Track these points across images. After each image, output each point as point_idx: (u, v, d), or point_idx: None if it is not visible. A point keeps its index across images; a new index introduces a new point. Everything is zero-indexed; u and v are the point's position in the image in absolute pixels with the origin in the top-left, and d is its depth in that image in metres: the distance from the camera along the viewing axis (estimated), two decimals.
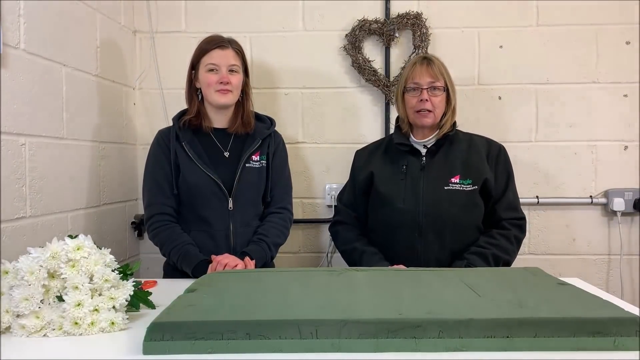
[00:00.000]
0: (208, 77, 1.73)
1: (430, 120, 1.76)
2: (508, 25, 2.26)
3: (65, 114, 1.80)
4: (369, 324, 0.95)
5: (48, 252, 1.09)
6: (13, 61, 1.54)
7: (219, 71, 1.73)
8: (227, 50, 1.75)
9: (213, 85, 1.73)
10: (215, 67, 1.73)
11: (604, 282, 2.28)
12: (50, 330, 1.06)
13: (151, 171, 1.78)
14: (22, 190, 1.58)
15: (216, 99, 1.74)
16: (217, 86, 1.73)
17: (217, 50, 1.74)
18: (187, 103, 1.82)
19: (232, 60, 1.75)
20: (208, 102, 1.78)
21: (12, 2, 1.54)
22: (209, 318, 0.98)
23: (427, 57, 1.81)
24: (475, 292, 1.15)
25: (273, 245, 1.77)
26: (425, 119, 1.75)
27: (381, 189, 1.79)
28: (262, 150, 1.81)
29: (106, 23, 2.09)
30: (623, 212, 2.23)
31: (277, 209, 1.83)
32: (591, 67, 2.25)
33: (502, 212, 1.76)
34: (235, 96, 1.77)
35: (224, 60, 1.73)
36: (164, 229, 1.72)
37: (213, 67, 1.73)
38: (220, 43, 1.75)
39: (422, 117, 1.75)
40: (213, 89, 1.73)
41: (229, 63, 1.74)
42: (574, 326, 0.94)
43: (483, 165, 1.76)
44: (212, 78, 1.73)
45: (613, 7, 2.22)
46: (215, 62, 1.73)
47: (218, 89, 1.73)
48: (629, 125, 2.25)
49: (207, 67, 1.74)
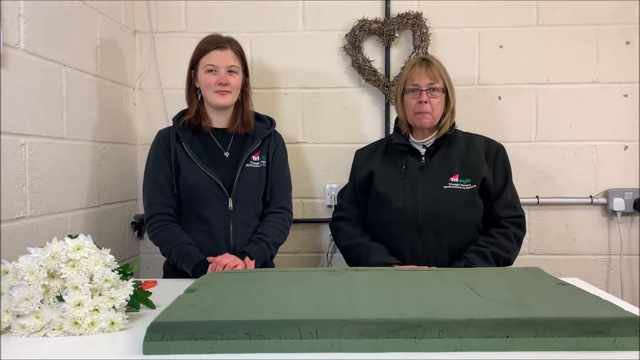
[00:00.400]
0: (207, 78, 1.73)
1: (429, 122, 1.76)
2: (508, 25, 2.26)
3: (65, 114, 1.80)
4: (369, 324, 0.95)
5: (48, 252, 1.09)
6: (13, 61, 1.54)
7: (217, 72, 1.73)
8: (226, 51, 1.74)
9: (212, 86, 1.73)
10: (214, 68, 1.73)
11: (604, 282, 2.28)
12: (50, 330, 1.06)
13: (151, 171, 1.78)
14: (22, 190, 1.58)
15: (215, 100, 1.74)
16: (216, 87, 1.73)
17: (216, 51, 1.73)
18: (187, 103, 1.82)
19: (231, 61, 1.74)
20: (207, 102, 1.78)
21: (12, 2, 1.54)
22: (209, 318, 0.98)
23: (426, 58, 1.81)
24: (475, 292, 1.15)
25: (272, 244, 1.76)
26: (424, 120, 1.76)
27: (380, 188, 1.79)
28: (262, 150, 1.82)
29: (106, 23, 2.09)
30: (623, 212, 2.23)
31: (276, 208, 1.83)
32: (591, 67, 2.25)
33: (500, 211, 1.76)
34: (234, 97, 1.77)
35: (223, 61, 1.73)
36: (164, 229, 1.72)
37: (212, 68, 1.73)
38: (219, 44, 1.74)
39: (421, 118, 1.76)
40: (212, 90, 1.73)
41: (227, 64, 1.73)
42: (574, 326, 0.94)
43: (482, 165, 1.76)
44: (211, 79, 1.73)
45: (613, 7, 2.22)
46: (214, 63, 1.72)
47: (217, 90, 1.73)
48: (629, 125, 2.25)
49: (206, 68, 1.73)
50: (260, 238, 1.75)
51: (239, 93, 1.80)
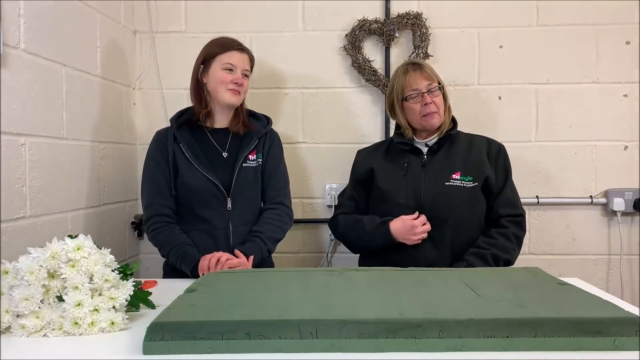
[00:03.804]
0: (223, 74, 1.76)
1: (438, 120, 1.78)
2: (508, 25, 2.26)
3: (65, 114, 1.80)
4: (369, 324, 0.95)
5: (48, 252, 1.09)
6: (13, 61, 1.54)
7: (234, 72, 1.77)
8: (244, 55, 1.81)
9: (227, 84, 1.76)
10: (232, 67, 1.77)
11: (604, 282, 2.28)
12: (50, 330, 1.06)
13: (149, 172, 1.78)
14: (22, 190, 1.58)
15: (227, 98, 1.77)
16: (231, 85, 1.76)
17: (236, 52, 1.78)
18: (195, 99, 1.82)
19: (246, 65, 1.81)
20: (216, 100, 1.79)
21: (12, 2, 1.54)
22: (209, 318, 0.98)
23: (415, 62, 1.85)
24: (475, 292, 1.15)
25: (268, 240, 1.76)
26: (433, 120, 1.77)
27: (382, 185, 1.81)
28: (258, 149, 1.83)
29: (106, 23, 2.09)
30: (623, 212, 2.23)
31: (272, 204, 1.83)
32: (591, 67, 2.25)
33: (500, 209, 1.77)
34: (242, 99, 1.82)
35: (241, 63, 1.79)
36: (162, 230, 1.73)
37: (231, 66, 1.77)
38: (240, 46, 1.80)
39: (430, 119, 1.77)
40: (225, 87, 1.76)
41: (244, 67, 1.80)
42: (574, 326, 0.94)
43: (484, 163, 1.77)
44: (228, 77, 1.76)
45: (613, 7, 2.22)
46: (234, 62, 1.77)
47: (231, 87, 1.76)
48: (629, 125, 2.25)
49: (225, 66, 1.76)
50: (254, 235, 1.75)
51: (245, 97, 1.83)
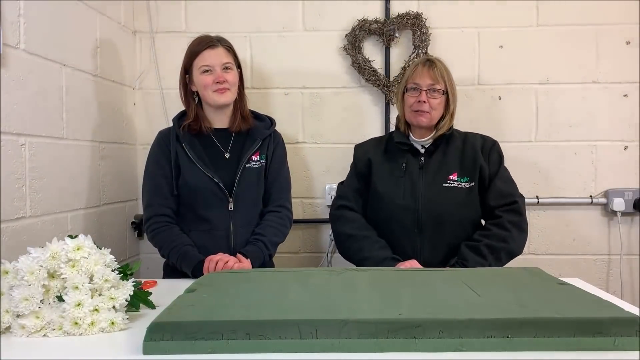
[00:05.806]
0: (203, 78, 1.73)
1: (426, 121, 1.77)
2: (508, 25, 2.26)
3: (65, 114, 1.80)
4: (369, 324, 0.95)
5: (48, 252, 1.09)
6: (13, 61, 1.54)
7: (213, 71, 1.72)
8: (217, 49, 1.74)
9: (210, 86, 1.73)
10: (209, 67, 1.72)
11: (604, 282, 2.28)
12: (50, 330, 1.06)
13: (151, 172, 1.78)
14: (22, 190, 1.58)
15: (215, 99, 1.74)
16: (214, 86, 1.72)
17: (208, 51, 1.73)
18: (185, 107, 1.81)
19: (224, 58, 1.75)
20: (207, 103, 1.78)
21: (12, 2, 1.54)
22: (209, 318, 0.98)
23: (430, 59, 1.82)
24: (475, 292, 1.15)
25: (270, 243, 1.76)
26: (421, 118, 1.77)
27: (380, 186, 1.80)
28: (262, 150, 1.81)
29: (106, 23, 2.09)
30: (623, 212, 2.23)
31: (274, 207, 1.83)
32: (591, 67, 2.25)
33: (491, 201, 1.77)
34: (233, 94, 1.77)
35: (217, 59, 1.73)
36: (162, 230, 1.72)
37: (207, 68, 1.72)
38: (209, 43, 1.74)
39: (418, 116, 1.77)
40: (210, 90, 1.73)
41: (222, 62, 1.73)
42: (574, 326, 0.94)
43: (478, 158, 1.78)
44: (208, 79, 1.72)
45: (613, 7, 2.22)
46: (208, 62, 1.72)
47: (215, 89, 1.73)
48: (629, 125, 2.25)
49: (202, 69, 1.73)
50: (257, 238, 1.75)
51: (237, 89, 1.79)
